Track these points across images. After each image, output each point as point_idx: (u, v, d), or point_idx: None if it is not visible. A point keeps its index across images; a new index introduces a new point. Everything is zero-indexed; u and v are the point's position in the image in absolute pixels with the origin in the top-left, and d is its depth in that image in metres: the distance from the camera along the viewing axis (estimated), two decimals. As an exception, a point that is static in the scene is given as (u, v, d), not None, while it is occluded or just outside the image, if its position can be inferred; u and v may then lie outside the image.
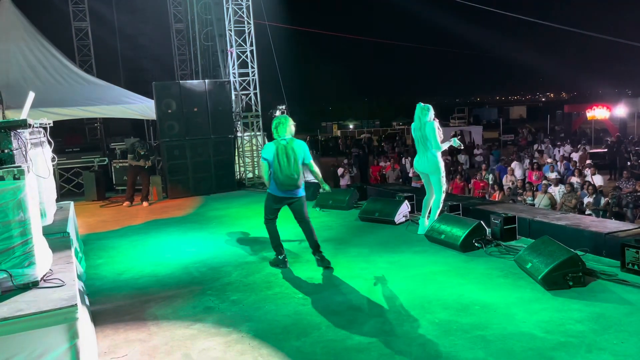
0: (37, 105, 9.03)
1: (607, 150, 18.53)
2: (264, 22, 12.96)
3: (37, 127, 4.78)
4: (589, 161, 15.21)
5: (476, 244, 5.65)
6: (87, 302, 4.11)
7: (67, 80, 12.65)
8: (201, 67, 15.86)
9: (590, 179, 12.09)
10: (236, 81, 12.27)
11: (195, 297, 4.71)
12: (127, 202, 10.12)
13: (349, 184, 15.01)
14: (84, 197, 11.00)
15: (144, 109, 12.02)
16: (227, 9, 11.99)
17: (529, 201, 10.88)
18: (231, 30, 12.07)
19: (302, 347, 3.58)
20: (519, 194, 11.57)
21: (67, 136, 14.24)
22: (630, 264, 4.56)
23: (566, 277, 4.32)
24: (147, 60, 18.28)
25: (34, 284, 3.09)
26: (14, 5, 13.06)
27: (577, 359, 3.21)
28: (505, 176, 13.77)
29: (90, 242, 7.12)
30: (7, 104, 9.27)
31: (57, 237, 4.51)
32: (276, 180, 5.18)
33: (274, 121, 5.33)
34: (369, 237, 6.54)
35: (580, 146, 18.63)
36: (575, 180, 12.07)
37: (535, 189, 11.44)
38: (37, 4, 15.67)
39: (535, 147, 20.84)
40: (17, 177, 3.02)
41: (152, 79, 13.30)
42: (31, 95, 4.14)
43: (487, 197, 12.10)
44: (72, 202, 6.63)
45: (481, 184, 13.01)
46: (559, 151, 18.68)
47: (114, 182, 11.75)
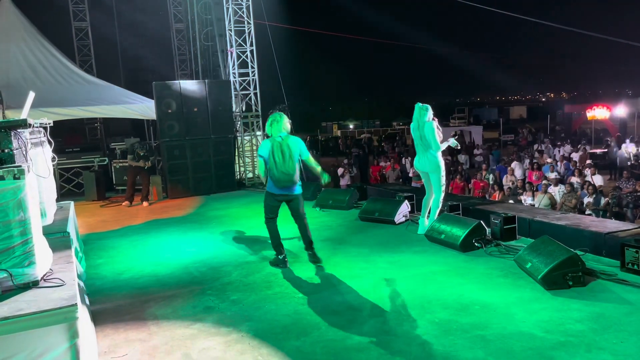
0: (37, 105, 9.03)
1: (607, 150, 18.51)
2: (264, 22, 12.96)
3: (37, 127, 4.78)
4: (589, 161, 15.21)
5: (476, 243, 5.66)
6: (87, 302, 4.12)
7: (67, 80, 12.66)
8: (201, 67, 15.85)
9: (590, 179, 12.09)
10: (236, 81, 12.28)
11: (195, 296, 4.72)
12: (127, 202, 10.12)
13: (349, 184, 14.98)
14: (84, 197, 11.02)
15: (144, 109, 12.02)
16: (227, 9, 12.01)
17: (529, 201, 10.87)
18: (231, 30, 12.08)
19: (302, 346, 3.58)
20: (519, 194, 11.57)
21: (67, 136, 14.26)
22: (630, 264, 4.56)
23: (566, 277, 4.33)
24: (147, 60, 18.28)
25: (34, 284, 3.09)
26: (14, 5, 13.06)
27: (577, 358, 3.22)
28: (505, 176, 13.77)
29: (90, 241, 7.13)
30: (7, 104, 9.27)
31: (57, 237, 4.51)
32: (272, 177, 5.25)
33: (269, 119, 5.38)
34: (369, 237, 6.54)
35: (580, 146, 18.62)
36: (575, 180, 12.07)
37: (535, 189, 11.44)
38: (37, 3, 15.68)
39: (535, 147, 20.82)
40: (17, 176, 3.02)
41: (152, 79, 13.29)
42: (31, 95, 4.14)
43: (487, 197, 12.10)
44: (72, 202, 6.63)
45: (481, 184, 13.00)
46: (559, 151, 18.68)
47: (114, 182, 11.77)
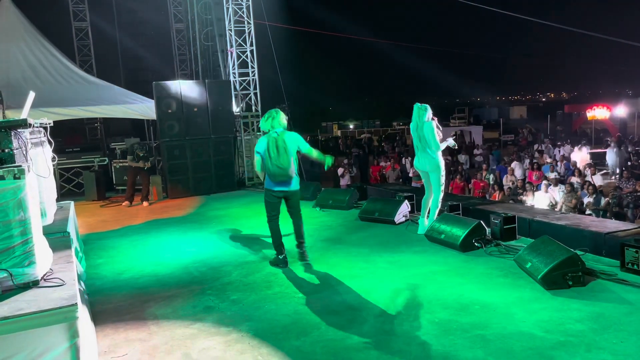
0: (37, 105, 9.03)
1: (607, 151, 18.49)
2: (264, 22, 12.96)
3: (38, 127, 4.78)
4: (589, 161, 15.21)
5: (476, 243, 5.66)
6: (87, 302, 4.12)
7: (67, 80, 12.66)
8: (201, 67, 15.86)
9: (590, 179, 12.09)
10: (236, 81, 12.27)
11: (195, 296, 4.72)
12: (127, 202, 10.12)
13: (349, 184, 14.98)
14: (84, 197, 11.02)
15: (144, 109, 12.02)
16: (227, 9, 12.01)
17: (529, 201, 10.87)
18: (231, 30, 12.08)
19: (302, 346, 3.58)
20: (519, 194, 11.57)
21: (67, 136, 14.27)
22: (629, 264, 4.56)
23: (566, 277, 4.33)
24: (147, 60, 18.29)
25: (34, 283, 3.10)
26: (14, 5, 13.07)
27: (577, 358, 3.22)
28: (505, 176, 13.77)
29: (90, 241, 7.13)
30: (7, 104, 9.27)
31: (57, 237, 4.51)
32: (268, 172, 5.29)
33: (265, 115, 5.41)
34: (368, 237, 6.54)
35: (580, 146, 18.61)
36: (575, 180, 12.07)
37: (535, 189, 11.44)
38: (37, 3, 15.69)
39: (535, 147, 20.82)
40: (17, 176, 3.02)
41: (152, 79, 13.28)
42: (31, 95, 4.14)
43: (487, 197, 12.10)
44: (72, 202, 6.63)
45: (481, 184, 13.01)
46: (559, 151, 18.67)
47: (114, 182, 11.76)
